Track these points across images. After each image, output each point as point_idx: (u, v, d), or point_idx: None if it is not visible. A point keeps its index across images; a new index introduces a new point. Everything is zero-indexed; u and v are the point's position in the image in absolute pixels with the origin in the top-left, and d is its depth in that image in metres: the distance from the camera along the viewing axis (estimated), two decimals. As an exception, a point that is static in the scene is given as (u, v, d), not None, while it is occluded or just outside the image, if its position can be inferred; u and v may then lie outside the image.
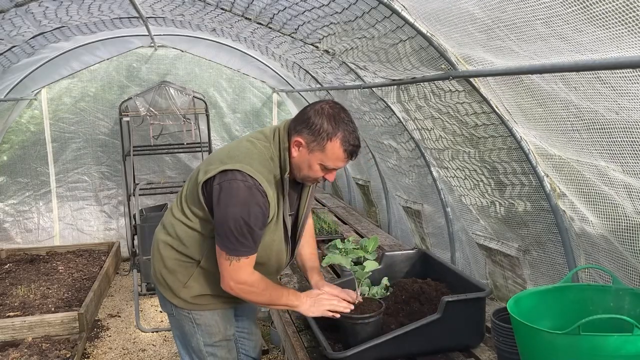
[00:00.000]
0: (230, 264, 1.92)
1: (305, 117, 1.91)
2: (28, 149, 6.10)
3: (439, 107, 2.71)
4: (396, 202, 4.33)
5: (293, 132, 1.94)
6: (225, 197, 1.86)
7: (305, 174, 1.98)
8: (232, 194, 1.85)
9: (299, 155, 1.94)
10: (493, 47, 1.80)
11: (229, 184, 1.86)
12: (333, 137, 1.87)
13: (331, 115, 1.89)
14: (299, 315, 2.44)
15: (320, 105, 1.92)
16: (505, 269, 2.82)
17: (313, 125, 1.88)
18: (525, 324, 1.49)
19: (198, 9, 3.49)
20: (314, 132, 1.88)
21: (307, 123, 1.90)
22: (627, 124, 1.51)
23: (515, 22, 1.55)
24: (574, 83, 1.58)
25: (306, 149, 1.92)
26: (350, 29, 2.68)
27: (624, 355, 1.34)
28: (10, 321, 4.17)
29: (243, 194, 1.85)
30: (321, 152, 1.90)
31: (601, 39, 1.33)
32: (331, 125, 1.87)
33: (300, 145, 1.92)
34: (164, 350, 4.20)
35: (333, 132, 1.87)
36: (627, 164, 1.60)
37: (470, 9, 1.69)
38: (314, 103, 1.96)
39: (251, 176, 1.86)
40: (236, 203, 1.85)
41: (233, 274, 1.93)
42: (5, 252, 6.07)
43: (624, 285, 1.69)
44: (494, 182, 2.59)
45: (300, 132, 1.91)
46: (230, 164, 1.88)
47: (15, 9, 3.04)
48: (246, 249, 1.91)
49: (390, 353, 1.97)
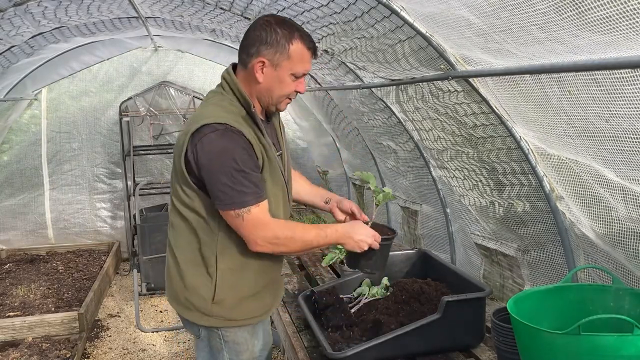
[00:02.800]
0: (244, 220, 1.76)
1: (256, 38, 1.80)
2: (28, 148, 6.09)
3: (438, 107, 2.71)
4: (395, 202, 4.33)
5: (249, 59, 1.82)
6: (204, 155, 1.75)
7: (278, 95, 1.87)
8: (210, 148, 1.74)
9: (266, 77, 1.83)
10: (491, 49, 1.81)
11: (202, 141, 1.74)
12: (293, 38, 1.79)
13: (279, 21, 1.81)
14: (299, 315, 2.44)
15: (262, 20, 1.83)
16: (505, 269, 2.82)
17: (268, 39, 1.78)
18: (525, 324, 1.50)
19: (197, 9, 3.49)
20: (273, 44, 1.78)
21: (261, 41, 1.79)
22: (616, 132, 1.51)
23: (510, 27, 1.55)
24: (569, 86, 1.58)
25: (271, 66, 1.81)
26: (350, 29, 2.68)
27: (624, 355, 1.34)
28: (10, 321, 4.17)
29: (219, 142, 1.74)
30: (288, 60, 1.80)
31: (598, 42, 1.34)
32: (285, 30, 1.79)
33: (264, 65, 1.80)
34: (164, 350, 4.20)
35: (290, 34, 1.79)
36: (620, 170, 1.60)
37: (465, 15, 1.70)
38: (253, 24, 1.85)
39: (219, 122, 1.74)
40: (217, 154, 1.74)
41: (252, 229, 1.77)
42: (5, 252, 6.06)
43: (624, 285, 1.69)
44: (493, 182, 2.60)
45: (259, 53, 1.79)
46: (195, 126, 1.77)
47: (14, 9, 3.04)
48: (250, 197, 1.76)
49: (390, 353, 1.97)
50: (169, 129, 6.23)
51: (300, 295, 2.43)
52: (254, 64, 1.81)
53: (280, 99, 1.90)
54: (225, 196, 1.75)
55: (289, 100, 1.94)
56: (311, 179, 7.09)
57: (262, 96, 1.88)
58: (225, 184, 1.74)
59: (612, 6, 1.18)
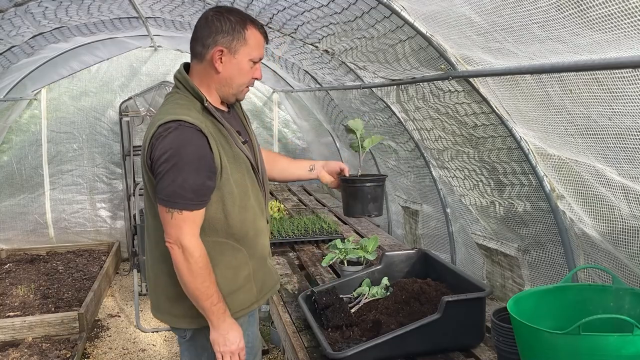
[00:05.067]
0: (172, 217, 1.74)
1: (210, 29, 1.82)
2: (28, 148, 6.09)
3: (438, 107, 2.71)
4: (395, 202, 4.33)
5: (206, 50, 1.82)
6: (158, 152, 1.73)
7: (238, 83, 1.88)
8: (164, 146, 1.73)
9: (225, 65, 1.83)
10: (492, 49, 1.81)
11: (160, 142, 1.73)
12: (246, 24, 1.83)
13: (229, 10, 1.85)
14: (299, 315, 2.44)
15: (212, 11, 1.84)
16: (505, 269, 2.82)
17: (224, 27, 1.80)
18: (525, 324, 1.49)
19: (198, 9, 3.49)
20: (229, 31, 1.80)
21: (216, 31, 1.81)
22: (619, 129, 1.50)
23: (512, 25, 1.55)
24: (570, 85, 1.58)
25: (229, 54, 1.82)
26: (350, 29, 2.68)
27: (624, 355, 1.34)
28: (10, 321, 4.17)
29: (172, 139, 1.72)
30: (245, 45, 1.83)
31: (598, 41, 1.33)
32: (237, 17, 1.83)
33: (222, 53, 1.82)
34: (164, 350, 4.20)
35: (243, 20, 1.83)
36: (622, 168, 1.60)
37: (467, 13, 1.69)
38: (204, 17, 1.86)
39: (174, 120, 1.73)
40: (167, 149, 1.72)
41: (174, 228, 1.75)
42: (5, 252, 6.07)
43: (624, 285, 1.69)
44: (494, 182, 2.60)
45: (216, 42, 1.80)
46: (153, 129, 1.77)
47: (14, 9, 3.04)
48: (191, 200, 1.74)
49: (390, 353, 1.97)
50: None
51: (300, 295, 2.43)
52: (212, 54, 1.81)
53: (241, 87, 1.91)
54: (165, 190, 1.74)
55: (247, 89, 1.95)
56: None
57: (222, 86, 1.89)
58: (168, 180, 1.73)
59: (613, 4, 1.18)
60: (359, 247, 2.73)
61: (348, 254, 2.72)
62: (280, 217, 4.20)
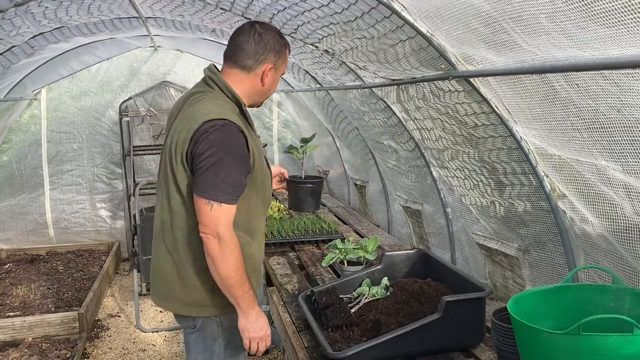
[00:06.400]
0: (212, 209, 1.83)
1: (265, 47, 1.97)
2: (28, 148, 6.09)
3: (438, 107, 2.71)
4: (396, 202, 4.33)
5: (257, 65, 1.97)
6: (205, 148, 1.82)
7: (269, 94, 2.11)
8: (210, 142, 1.82)
9: (270, 79, 2.02)
10: (497, 42, 1.80)
11: (205, 137, 1.83)
12: (287, 46, 2.05)
13: (274, 29, 2.03)
14: (299, 315, 2.44)
15: (256, 29, 1.98)
16: (505, 269, 2.82)
17: (275, 47, 1.99)
18: (525, 324, 1.50)
19: (198, 8, 3.49)
20: (278, 51, 2.00)
21: (270, 50, 1.97)
22: (628, 122, 1.51)
23: (521, 14, 1.55)
24: (576, 80, 1.58)
25: (274, 69, 2.01)
26: (350, 29, 2.68)
27: (624, 355, 1.34)
28: (10, 321, 4.17)
29: (220, 135, 1.83)
30: (283, 63, 2.05)
31: (602, 37, 1.34)
32: (282, 39, 2.03)
33: (271, 69, 2.00)
34: (164, 350, 4.20)
35: (285, 42, 2.04)
36: (628, 163, 1.60)
37: (476, 3, 1.69)
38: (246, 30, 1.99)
39: (220, 118, 1.85)
40: (214, 144, 1.82)
41: (213, 221, 1.83)
42: (5, 252, 6.07)
43: (624, 285, 1.69)
44: (494, 182, 2.60)
45: (267, 60, 1.98)
46: (195, 123, 1.85)
47: (14, 9, 3.04)
48: (230, 194, 1.84)
49: (390, 353, 1.97)
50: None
51: (300, 295, 2.43)
52: (264, 69, 1.99)
53: (265, 98, 2.14)
54: (206, 183, 1.83)
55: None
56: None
57: (260, 95, 2.07)
58: (212, 173, 1.82)
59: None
60: (359, 247, 2.74)
61: (348, 254, 2.72)
62: (280, 217, 4.20)
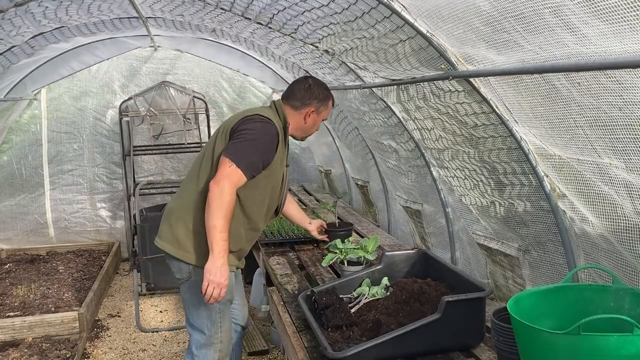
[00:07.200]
0: (230, 167, 2.30)
1: (311, 95, 2.57)
2: (28, 148, 6.09)
3: (438, 107, 2.71)
4: (396, 202, 4.33)
5: (303, 107, 2.57)
6: (243, 125, 2.39)
7: (310, 132, 2.70)
8: (251, 124, 2.40)
9: (311, 119, 2.60)
10: (498, 42, 1.80)
11: (250, 121, 2.41)
12: (330, 97, 2.65)
13: (319, 83, 2.64)
14: (299, 315, 2.44)
15: (308, 81, 2.62)
16: (506, 269, 2.82)
17: (319, 96, 2.59)
18: (525, 324, 1.49)
19: (198, 8, 3.49)
20: (321, 100, 2.59)
21: (315, 97, 2.57)
22: (629, 120, 1.50)
23: (523, 12, 1.54)
24: (578, 78, 1.57)
25: (316, 113, 2.60)
26: (350, 29, 2.68)
27: (624, 355, 1.34)
28: (10, 321, 4.17)
29: (260, 125, 2.40)
30: (325, 110, 2.64)
31: (605, 33, 1.33)
32: (327, 91, 2.64)
33: (313, 112, 2.59)
34: (164, 350, 4.20)
35: (329, 93, 2.65)
36: (631, 161, 1.60)
37: (476, 1, 1.69)
38: (301, 81, 2.63)
39: (267, 117, 2.44)
40: (254, 130, 2.38)
41: (225, 175, 2.28)
42: (5, 252, 6.07)
43: (624, 285, 1.69)
44: (494, 182, 2.60)
45: (310, 104, 2.57)
46: (248, 113, 2.48)
47: (15, 9, 3.04)
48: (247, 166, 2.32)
49: (390, 353, 1.97)
50: (169, 129, 6.23)
51: (300, 295, 2.43)
52: (307, 111, 2.59)
53: (307, 136, 2.74)
54: (235, 149, 2.35)
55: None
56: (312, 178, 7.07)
57: (300, 131, 2.67)
58: (243, 142, 2.36)
59: None
60: (359, 247, 2.73)
61: (348, 254, 2.72)
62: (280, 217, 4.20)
